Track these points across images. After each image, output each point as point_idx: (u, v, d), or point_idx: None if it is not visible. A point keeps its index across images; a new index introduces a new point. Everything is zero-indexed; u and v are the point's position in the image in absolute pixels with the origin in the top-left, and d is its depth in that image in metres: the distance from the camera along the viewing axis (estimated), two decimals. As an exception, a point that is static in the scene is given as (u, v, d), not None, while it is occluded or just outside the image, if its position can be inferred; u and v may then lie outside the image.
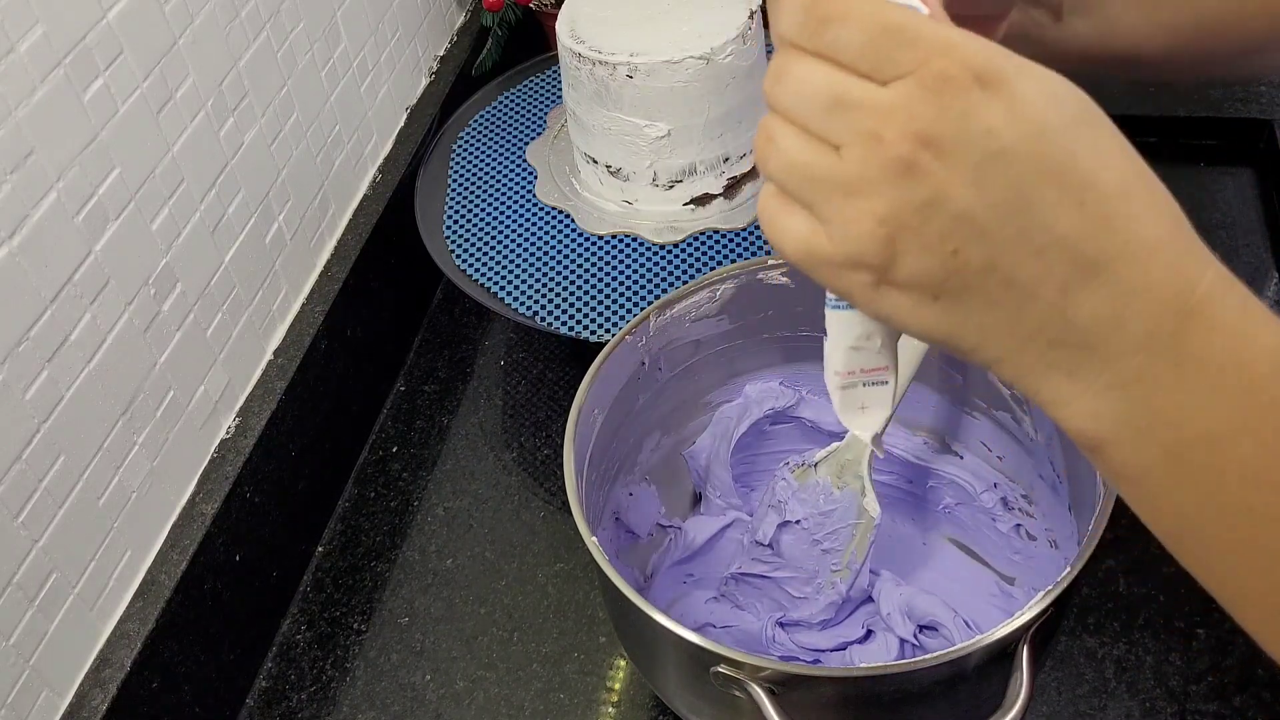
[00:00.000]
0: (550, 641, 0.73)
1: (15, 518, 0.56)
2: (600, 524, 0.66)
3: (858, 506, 0.65)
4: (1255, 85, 1.02)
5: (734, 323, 0.68)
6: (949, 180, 0.28)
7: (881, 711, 0.52)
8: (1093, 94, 0.32)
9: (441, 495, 0.82)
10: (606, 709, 0.69)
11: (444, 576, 0.77)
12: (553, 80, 1.00)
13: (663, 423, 0.71)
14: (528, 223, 0.86)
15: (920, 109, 0.28)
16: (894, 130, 0.28)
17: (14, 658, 0.56)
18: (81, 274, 0.59)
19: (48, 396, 0.58)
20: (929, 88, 0.28)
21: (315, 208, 0.83)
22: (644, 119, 0.79)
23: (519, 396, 0.88)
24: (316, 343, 0.80)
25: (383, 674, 0.72)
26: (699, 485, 0.74)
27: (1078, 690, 0.66)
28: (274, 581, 0.76)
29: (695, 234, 0.83)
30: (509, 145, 0.93)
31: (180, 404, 0.68)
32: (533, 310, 0.79)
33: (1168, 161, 1.00)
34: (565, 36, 0.80)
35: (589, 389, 0.61)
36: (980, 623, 0.65)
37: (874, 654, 0.66)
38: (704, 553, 0.72)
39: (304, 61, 0.80)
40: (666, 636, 0.51)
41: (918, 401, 0.71)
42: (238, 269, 0.73)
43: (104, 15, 0.60)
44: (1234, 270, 0.32)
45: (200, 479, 0.71)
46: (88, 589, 0.62)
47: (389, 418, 0.88)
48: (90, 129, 0.59)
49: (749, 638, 0.67)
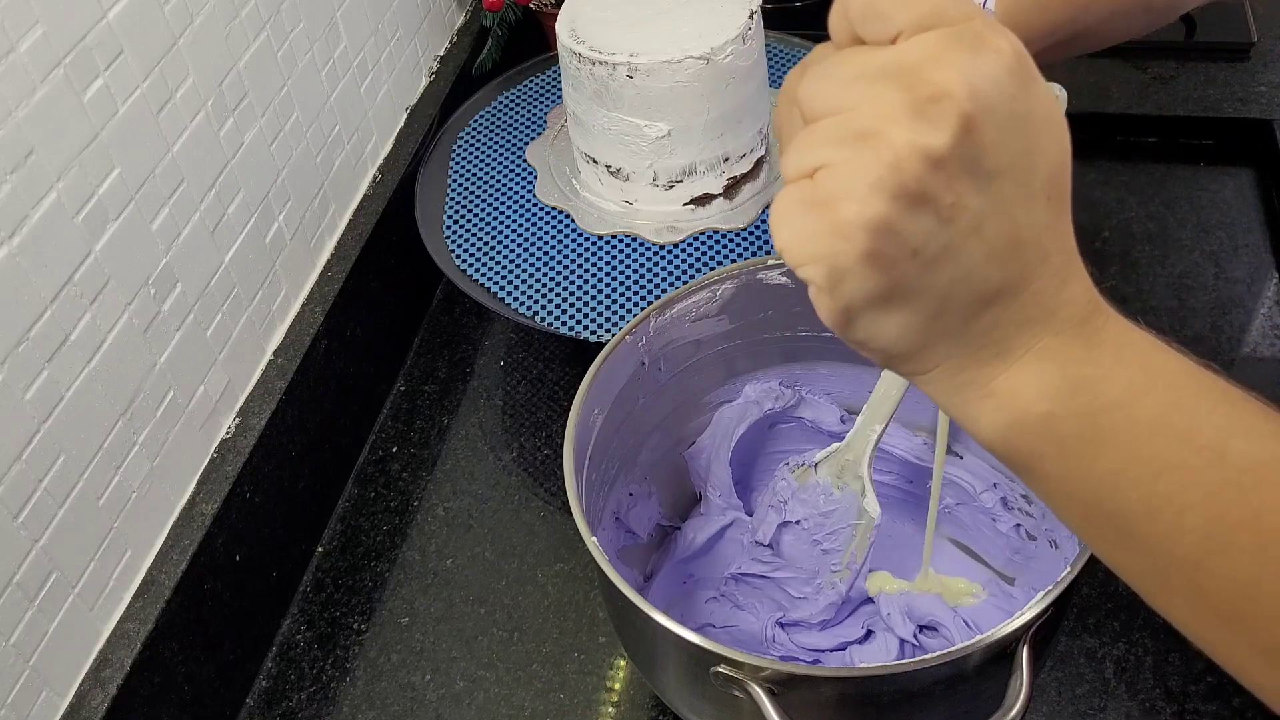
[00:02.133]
0: (550, 641, 0.73)
1: (15, 518, 0.56)
2: (600, 524, 0.66)
3: (858, 507, 0.65)
4: (1255, 85, 1.02)
5: (734, 323, 0.68)
6: (973, 125, 0.30)
7: (881, 711, 0.52)
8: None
9: (441, 495, 0.82)
10: (606, 709, 0.69)
11: (444, 576, 0.77)
12: (553, 80, 1.00)
13: (663, 423, 0.71)
14: (528, 223, 0.86)
15: (939, 55, 0.30)
16: (920, 72, 0.30)
17: (14, 658, 0.56)
18: (81, 274, 0.59)
19: (48, 396, 0.58)
20: (949, 42, 0.30)
21: (315, 208, 0.83)
22: (644, 119, 0.79)
23: (519, 396, 0.88)
24: (316, 343, 0.80)
25: (383, 674, 0.72)
26: (699, 485, 0.74)
27: (1078, 690, 0.66)
28: (274, 581, 0.76)
29: (695, 234, 0.83)
30: (509, 145, 0.93)
31: (180, 404, 0.68)
32: (533, 310, 0.79)
33: (1167, 161, 1.01)
34: (565, 36, 0.80)
35: (589, 389, 0.61)
36: (980, 623, 0.65)
37: (874, 654, 0.66)
38: (704, 553, 0.72)
39: (304, 61, 0.80)
40: (666, 636, 0.51)
41: (917, 402, 0.71)
42: (238, 269, 0.73)
43: (104, 15, 0.60)
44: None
45: (200, 479, 0.71)
46: (88, 589, 0.62)
47: (389, 418, 0.88)
48: (90, 129, 0.59)
49: (749, 638, 0.67)
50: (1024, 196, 0.31)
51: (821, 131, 0.31)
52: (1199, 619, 0.34)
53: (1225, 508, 0.32)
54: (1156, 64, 1.05)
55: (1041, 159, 0.31)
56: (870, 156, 0.29)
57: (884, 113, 0.30)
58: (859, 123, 0.30)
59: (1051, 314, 0.33)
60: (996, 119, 0.30)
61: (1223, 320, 0.86)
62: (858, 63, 0.31)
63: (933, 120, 0.29)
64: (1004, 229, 0.31)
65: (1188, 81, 1.04)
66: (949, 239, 0.30)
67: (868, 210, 0.30)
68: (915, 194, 0.30)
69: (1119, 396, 0.33)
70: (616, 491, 0.69)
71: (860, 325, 0.33)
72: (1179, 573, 0.33)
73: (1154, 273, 0.90)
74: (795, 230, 0.31)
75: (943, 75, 0.29)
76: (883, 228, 0.30)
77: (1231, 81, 1.03)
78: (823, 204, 0.30)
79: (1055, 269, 0.33)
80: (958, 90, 0.29)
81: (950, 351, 0.33)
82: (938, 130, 0.29)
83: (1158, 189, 0.98)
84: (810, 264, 0.31)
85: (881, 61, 0.30)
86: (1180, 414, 0.33)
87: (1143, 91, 1.03)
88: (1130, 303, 0.87)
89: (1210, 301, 0.87)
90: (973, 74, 0.29)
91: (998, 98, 0.30)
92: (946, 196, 0.30)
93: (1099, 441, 0.33)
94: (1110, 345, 0.33)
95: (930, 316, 0.32)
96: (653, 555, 0.72)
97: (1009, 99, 0.30)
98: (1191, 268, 0.90)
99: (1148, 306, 0.87)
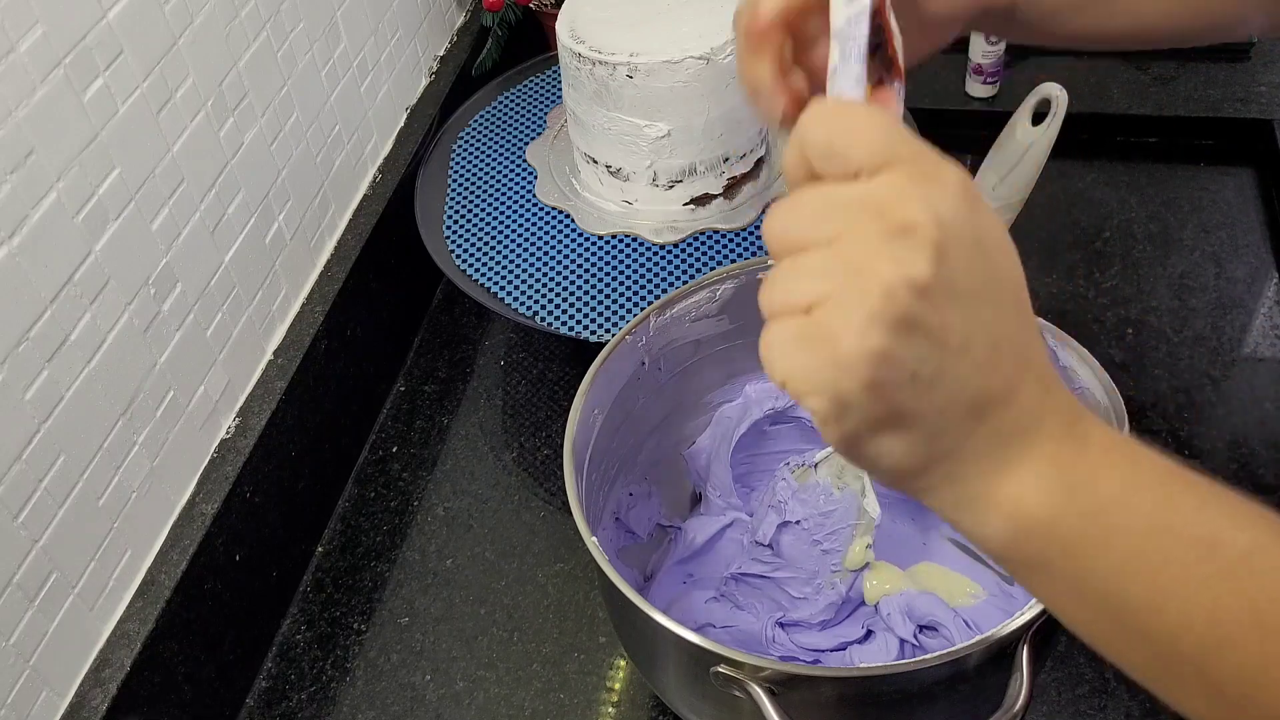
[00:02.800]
0: (550, 641, 0.73)
1: (15, 518, 0.56)
2: (600, 524, 0.66)
3: (858, 507, 0.65)
4: (1255, 85, 1.02)
5: (734, 323, 0.68)
6: (940, 261, 0.31)
7: (881, 711, 0.52)
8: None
9: (441, 495, 0.82)
10: (606, 709, 0.69)
11: (444, 576, 0.77)
12: (553, 80, 1.00)
13: (663, 423, 0.71)
14: (528, 223, 0.86)
15: (903, 190, 0.32)
16: (890, 206, 0.31)
17: (14, 658, 0.56)
18: (81, 274, 0.59)
19: (48, 396, 0.58)
20: (909, 178, 0.32)
21: (315, 208, 0.83)
22: (644, 119, 0.79)
23: (519, 396, 0.88)
24: (316, 343, 0.80)
25: (383, 674, 0.72)
26: (699, 485, 0.74)
27: (1078, 690, 0.66)
28: (274, 581, 0.76)
29: (695, 234, 0.83)
30: (509, 145, 0.93)
31: (180, 404, 0.68)
32: (533, 310, 0.79)
33: (1168, 161, 1.01)
34: (565, 36, 0.79)
35: (589, 389, 0.61)
36: (980, 623, 0.65)
37: (874, 654, 0.66)
38: (704, 553, 0.72)
39: (304, 61, 0.80)
40: (666, 636, 0.51)
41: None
42: (238, 269, 0.73)
43: (104, 15, 0.60)
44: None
45: (200, 479, 0.71)
46: (88, 589, 0.62)
47: (389, 418, 0.88)
48: (90, 129, 0.59)
49: (749, 638, 0.67)
50: (997, 310, 0.33)
51: (807, 265, 0.32)
52: (1213, 710, 0.34)
53: (1224, 599, 0.33)
54: (1157, 64, 1.06)
55: (1004, 274, 0.33)
56: (861, 289, 0.31)
57: (865, 246, 0.31)
58: (843, 256, 0.32)
59: (1040, 421, 0.34)
60: (962, 243, 0.32)
61: (1223, 320, 0.86)
62: (827, 198, 0.32)
63: (910, 250, 0.31)
64: (987, 343, 0.33)
65: (1188, 81, 1.04)
66: (941, 360, 0.32)
67: (868, 342, 0.31)
68: (908, 321, 0.31)
69: (1116, 494, 0.34)
70: (616, 491, 0.69)
71: (867, 449, 0.34)
72: (1188, 664, 0.34)
73: (1154, 273, 0.90)
74: (796, 365, 0.32)
75: (910, 208, 0.31)
76: (882, 357, 0.31)
77: (1231, 81, 1.03)
78: (821, 338, 0.32)
79: (1038, 375, 0.34)
80: (926, 221, 0.31)
81: (951, 469, 0.34)
82: (917, 259, 0.31)
83: (1158, 189, 0.98)
84: (815, 395, 0.32)
85: (851, 197, 0.32)
86: (1172, 509, 0.34)
87: (1143, 91, 1.03)
88: (1131, 303, 0.87)
89: (1211, 301, 0.87)
90: (936, 205, 0.31)
91: (959, 224, 0.32)
92: (935, 320, 0.31)
93: (1101, 540, 0.34)
94: (1098, 446, 0.35)
95: (931, 435, 0.33)
96: (653, 555, 0.72)
97: (968, 224, 0.32)
98: (1192, 268, 0.90)
99: (1148, 306, 0.87)
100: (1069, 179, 0.99)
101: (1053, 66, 1.05)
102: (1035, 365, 0.34)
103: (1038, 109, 0.56)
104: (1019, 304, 0.34)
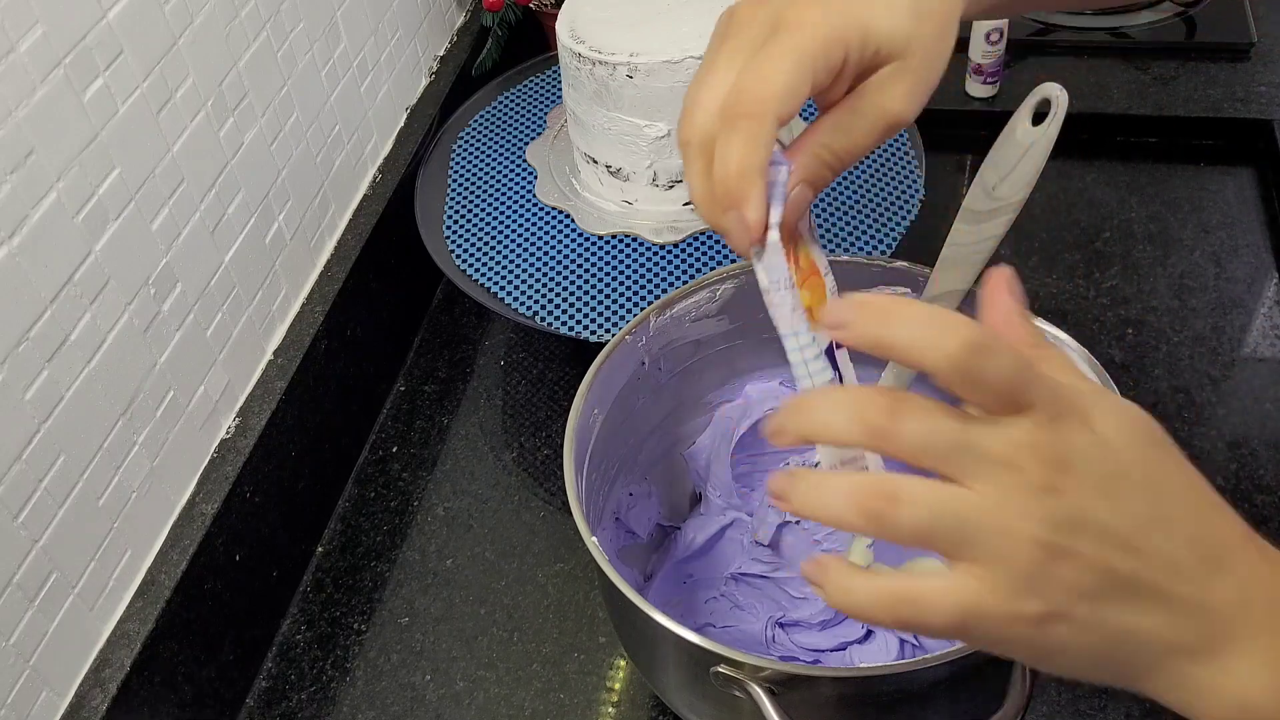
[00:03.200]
0: (550, 641, 0.73)
1: (15, 518, 0.56)
2: (600, 524, 0.66)
3: (858, 506, 0.64)
4: (1255, 85, 1.02)
5: (734, 323, 0.68)
6: (1086, 497, 0.31)
7: (881, 711, 0.52)
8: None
9: (441, 495, 0.82)
10: (606, 709, 0.69)
11: (444, 576, 0.77)
12: (553, 80, 1.00)
13: (663, 423, 0.71)
14: (528, 223, 0.86)
15: (1046, 439, 0.31)
16: (1030, 458, 0.31)
17: (14, 658, 0.56)
18: (81, 274, 0.59)
19: (48, 396, 0.58)
20: (1051, 420, 0.31)
21: (315, 208, 0.83)
22: (644, 119, 0.79)
23: (519, 396, 0.88)
24: (316, 343, 0.80)
25: (383, 674, 0.72)
26: (699, 485, 0.74)
27: (1078, 690, 0.66)
28: (274, 581, 0.76)
29: (695, 234, 0.83)
30: (509, 145, 0.93)
31: (180, 404, 0.68)
32: (533, 310, 0.79)
33: (1168, 161, 1.01)
34: (565, 36, 0.79)
35: (589, 389, 0.61)
36: (980, 623, 0.65)
37: (874, 654, 0.66)
38: (704, 553, 0.72)
39: (304, 61, 0.80)
40: (666, 636, 0.51)
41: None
42: (238, 269, 0.73)
43: (104, 15, 0.60)
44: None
45: (200, 479, 0.71)
46: (88, 589, 0.62)
47: (389, 418, 0.88)
48: (90, 129, 0.59)
49: (749, 638, 0.67)
50: (1167, 526, 0.33)
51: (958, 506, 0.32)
52: None
53: None
54: (1157, 64, 1.06)
55: (1168, 481, 0.34)
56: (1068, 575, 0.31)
57: (1015, 499, 0.31)
58: (995, 505, 0.31)
59: (1249, 612, 0.33)
60: (1116, 482, 0.32)
61: (1223, 320, 0.86)
62: (966, 435, 0.31)
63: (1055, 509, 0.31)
64: (1165, 567, 0.33)
65: (1188, 81, 1.04)
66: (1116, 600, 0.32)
67: (1029, 608, 0.32)
68: (1128, 584, 0.32)
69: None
70: (616, 491, 0.69)
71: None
72: None
73: (1155, 273, 0.90)
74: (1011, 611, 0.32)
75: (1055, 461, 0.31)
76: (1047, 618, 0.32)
77: (1231, 81, 1.03)
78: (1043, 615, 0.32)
79: (1233, 570, 0.33)
80: (1062, 481, 0.31)
81: (1162, 668, 0.34)
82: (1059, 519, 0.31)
83: (1158, 189, 0.98)
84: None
85: (991, 446, 0.31)
86: None
87: (1143, 91, 1.03)
88: (1131, 303, 0.87)
89: (1211, 301, 0.87)
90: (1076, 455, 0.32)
91: (1104, 466, 0.32)
92: (1098, 565, 0.32)
93: None
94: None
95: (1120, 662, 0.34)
96: (653, 555, 0.72)
97: (1113, 461, 0.33)
98: (1192, 268, 0.90)
99: (1148, 306, 0.87)
100: (1069, 179, 0.99)
101: (1053, 66, 1.05)
102: (1227, 562, 0.34)
103: (1038, 109, 0.56)
104: (1195, 505, 0.34)
